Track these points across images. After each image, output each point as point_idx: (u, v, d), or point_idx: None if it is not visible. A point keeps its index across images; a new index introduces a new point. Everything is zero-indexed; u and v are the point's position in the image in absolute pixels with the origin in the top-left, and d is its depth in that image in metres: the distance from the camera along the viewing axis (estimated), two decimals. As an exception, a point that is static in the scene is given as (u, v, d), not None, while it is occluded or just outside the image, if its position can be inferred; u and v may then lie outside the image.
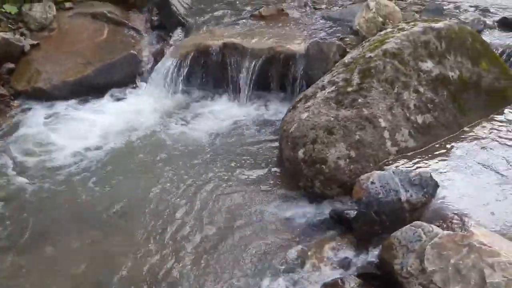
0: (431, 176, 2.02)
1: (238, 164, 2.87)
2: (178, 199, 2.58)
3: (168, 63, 3.79)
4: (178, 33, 4.21)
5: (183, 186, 2.70)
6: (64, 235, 2.36)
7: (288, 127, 2.64)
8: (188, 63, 3.70)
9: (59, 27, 4.25)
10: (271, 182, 2.71)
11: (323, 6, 4.46)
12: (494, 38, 3.33)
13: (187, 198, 2.59)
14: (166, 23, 4.40)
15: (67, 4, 4.39)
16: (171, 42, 4.14)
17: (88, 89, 3.82)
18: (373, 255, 1.99)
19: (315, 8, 4.43)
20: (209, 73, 3.74)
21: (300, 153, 2.48)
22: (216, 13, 4.35)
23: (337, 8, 4.36)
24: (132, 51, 4.08)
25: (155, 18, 4.54)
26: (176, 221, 2.42)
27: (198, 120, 3.47)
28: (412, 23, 2.85)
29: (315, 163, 2.41)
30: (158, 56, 4.06)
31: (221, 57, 3.64)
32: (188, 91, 3.78)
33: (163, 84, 3.80)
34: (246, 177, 2.76)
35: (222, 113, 3.51)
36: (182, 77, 3.74)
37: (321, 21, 4.10)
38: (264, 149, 3.02)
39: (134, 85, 3.98)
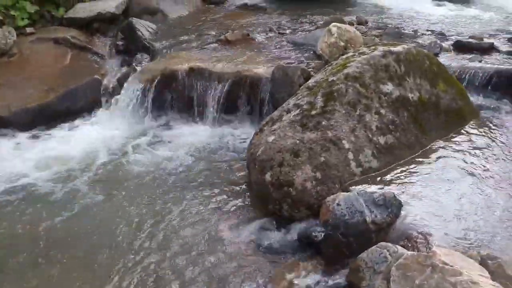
0: (394, 196, 2.06)
1: (206, 189, 2.83)
2: (143, 227, 2.51)
3: (133, 88, 3.75)
4: (143, 58, 4.19)
5: (148, 213, 2.63)
6: (19, 270, 2.23)
7: (255, 150, 2.64)
8: (154, 88, 3.67)
9: (20, 52, 4.16)
10: (240, 206, 2.68)
11: (288, 31, 4.57)
12: (450, 60, 3.48)
13: (153, 225, 2.52)
14: (131, 48, 4.37)
15: (29, 29, 4.31)
16: (136, 67, 4.10)
17: (50, 116, 3.72)
18: (341, 277, 1.98)
19: (280, 33, 4.53)
20: (176, 97, 3.72)
21: (268, 176, 2.47)
22: (182, 38, 4.38)
23: (301, 33, 4.47)
24: (96, 76, 4.02)
25: (120, 43, 4.51)
26: (141, 249, 2.35)
27: (165, 145, 3.42)
28: (373, 47, 2.94)
29: (282, 186, 2.41)
30: (123, 81, 4.00)
31: (188, 81, 3.64)
32: (154, 116, 3.74)
33: (128, 109, 3.75)
34: (215, 202, 2.72)
35: (189, 137, 3.48)
36: (147, 102, 3.70)
37: (286, 45, 4.18)
38: (232, 173, 3.00)
39: (99, 111, 3.90)
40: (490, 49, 3.65)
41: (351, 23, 4.48)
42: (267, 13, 5.49)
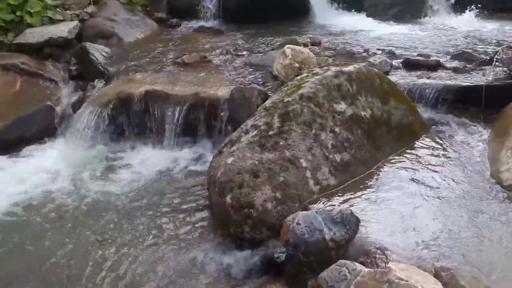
0: (352, 213, 2.09)
1: (165, 215, 2.77)
2: (96, 257, 2.41)
3: (87, 113, 3.65)
4: (98, 83, 4.10)
5: (103, 242, 2.53)
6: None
7: (215, 172, 2.62)
8: (109, 112, 3.59)
9: (-34, 80, 3.97)
10: (201, 230, 2.63)
11: (245, 53, 4.63)
12: (400, 77, 3.63)
13: (108, 254, 2.43)
14: (85, 73, 4.28)
15: (-26, 56, 4.13)
16: (90, 91, 4.01)
17: (-1, 145, 3.55)
18: (304, 298, 1.98)
19: (237, 55, 4.58)
20: (132, 122, 3.64)
21: (228, 198, 2.45)
22: (138, 61, 4.34)
23: (258, 54, 4.54)
24: (48, 103, 3.90)
25: (73, 68, 4.42)
26: (94, 282, 2.24)
27: (121, 172, 3.33)
28: (325, 68, 3.03)
29: (243, 207, 2.39)
30: (77, 106, 3.91)
31: (144, 105, 3.58)
32: (109, 141, 3.64)
33: (82, 135, 3.63)
34: (174, 227, 2.66)
35: (147, 161, 3.41)
36: (102, 128, 3.61)
37: (243, 67, 4.23)
38: (193, 196, 2.95)
39: (51, 139, 3.77)
40: (437, 66, 3.83)
41: (305, 44, 4.61)
42: (224, 35, 5.56)
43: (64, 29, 4.63)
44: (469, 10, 6.31)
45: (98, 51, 4.30)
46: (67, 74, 4.43)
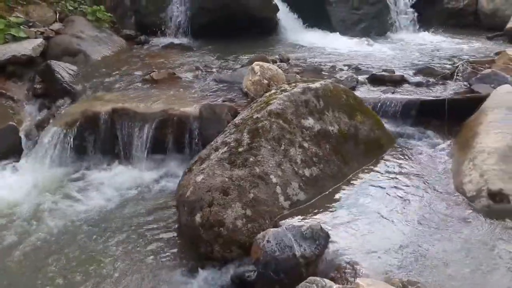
0: (321, 228, 2.10)
1: (133, 237, 2.70)
2: (60, 284, 2.31)
3: (52, 133, 3.56)
4: (64, 101, 4.00)
5: (69, 267, 2.44)
6: None
7: (184, 191, 2.58)
8: (75, 131, 3.52)
9: None
10: (170, 251, 2.58)
11: (214, 69, 4.64)
12: (366, 93, 3.71)
13: (74, 282, 2.33)
14: (50, 91, 4.17)
15: None
16: (55, 111, 3.91)
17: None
18: (276, 317, 1.96)
19: (207, 71, 4.58)
20: (99, 140, 3.57)
21: (198, 217, 2.42)
22: (105, 79, 4.27)
23: (228, 71, 4.55)
24: (10, 123, 3.78)
25: (38, 86, 4.30)
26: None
27: (88, 192, 3.24)
28: (293, 84, 3.07)
29: (213, 226, 2.37)
30: (41, 126, 3.81)
31: (111, 123, 3.52)
32: (75, 161, 3.56)
33: (47, 155, 3.53)
34: (142, 249, 2.59)
35: (115, 181, 3.34)
36: (68, 147, 3.52)
37: (213, 83, 4.23)
38: (162, 216, 2.90)
39: (15, 160, 3.64)
40: (401, 81, 3.95)
41: (274, 61, 4.66)
42: (194, 51, 5.57)
43: (28, 47, 4.51)
44: (431, 27, 6.59)
45: (63, 69, 4.21)
46: (31, 93, 4.30)
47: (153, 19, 6.44)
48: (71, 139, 3.53)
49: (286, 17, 6.46)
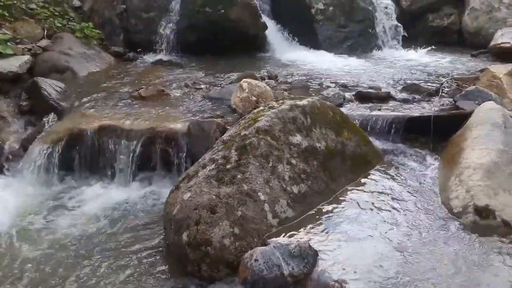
0: (309, 246, 2.09)
1: (119, 256, 2.65)
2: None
3: (38, 150, 3.52)
4: (50, 118, 3.96)
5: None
6: None
7: (171, 209, 2.55)
8: (61, 149, 3.48)
9: None
10: (157, 270, 2.53)
11: (203, 86, 4.65)
12: (353, 109, 3.75)
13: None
14: (36, 108, 4.14)
15: None
16: (42, 128, 3.86)
17: None
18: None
19: (195, 88, 4.59)
20: (85, 158, 3.53)
21: (184, 236, 2.39)
22: (92, 96, 4.24)
23: (217, 87, 4.57)
24: (-5, 140, 3.71)
25: (24, 103, 4.26)
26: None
27: (73, 212, 3.18)
28: (281, 101, 3.08)
29: (200, 245, 2.33)
30: (27, 143, 3.75)
31: (98, 140, 3.49)
32: (61, 179, 3.51)
33: (33, 174, 3.49)
34: (129, 269, 2.53)
35: (101, 199, 3.28)
36: (54, 165, 3.48)
37: (201, 100, 4.23)
38: (149, 235, 2.85)
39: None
40: (387, 98, 3.99)
41: (262, 78, 4.70)
42: (183, 68, 5.58)
43: (14, 64, 4.49)
44: (417, 45, 6.72)
45: (50, 86, 4.18)
46: (18, 110, 4.26)
47: (142, 36, 6.46)
48: (57, 157, 3.49)
49: (274, 34, 6.54)
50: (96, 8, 6.37)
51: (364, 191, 2.83)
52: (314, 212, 2.60)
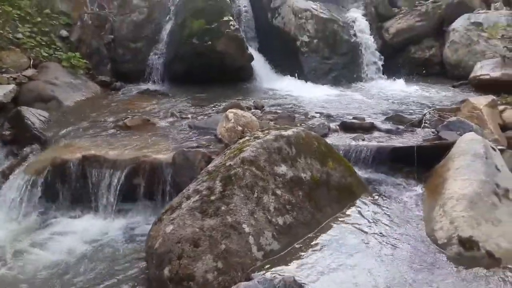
0: (294, 280, 2.05)
1: (100, 291, 2.57)
2: None
3: (19, 181, 3.45)
4: (33, 148, 3.90)
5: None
6: None
7: (153, 242, 2.50)
8: (43, 179, 3.41)
9: None
10: (138, 306, 2.45)
11: (189, 116, 4.66)
12: (337, 140, 3.77)
13: None
14: (19, 138, 4.07)
15: None
16: (24, 158, 3.80)
17: None
18: None
19: (182, 118, 4.60)
20: (68, 189, 3.47)
21: (166, 271, 2.33)
22: (77, 125, 4.22)
23: (203, 117, 4.59)
24: (-26, 171, 3.62)
25: (7, 133, 4.19)
26: None
27: (53, 244, 3.10)
28: (266, 131, 3.10)
29: (182, 280, 2.27)
30: (8, 174, 3.67)
31: (81, 170, 3.44)
32: (43, 211, 3.44)
33: (13, 205, 3.39)
34: (109, 305, 2.46)
35: (83, 232, 3.21)
36: (35, 196, 3.40)
37: (187, 130, 4.23)
38: (130, 270, 2.76)
39: (-23, 209, 3.47)
40: (371, 128, 4.05)
41: (249, 108, 4.74)
42: (169, 97, 5.61)
43: (-1, 93, 4.46)
44: (399, 76, 6.89)
45: (34, 115, 4.15)
46: (0, 139, 4.19)
47: (130, 66, 6.52)
48: (39, 187, 3.42)
49: (260, 65, 6.65)
50: (84, 38, 6.42)
51: (350, 223, 2.82)
52: (299, 244, 2.57)
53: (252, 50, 6.55)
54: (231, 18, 6.26)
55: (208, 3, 6.30)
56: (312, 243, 2.58)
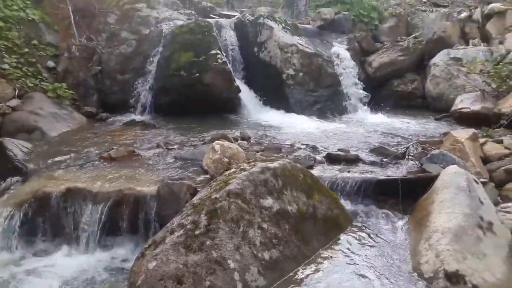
0: (280, 317, 2.00)
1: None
2: None
3: (-2, 214, 3.33)
4: (14, 180, 3.81)
5: None
6: None
7: (136, 279, 2.42)
8: (23, 213, 3.31)
9: None
10: None
11: (176, 147, 4.65)
12: (323, 171, 3.79)
13: None
14: (1, 170, 3.97)
15: None
16: (5, 190, 3.70)
17: None
18: None
19: (168, 149, 4.58)
20: (49, 222, 3.37)
21: (149, 308, 2.25)
22: (61, 157, 4.16)
23: (189, 148, 4.58)
24: (-49, 204, 3.50)
25: (-13, 164, 4.10)
26: None
27: (34, 279, 2.98)
28: (252, 163, 3.10)
29: (165, 318, 2.20)
30: (-14, 207, 3.55)
31: (63, 203, 3.36)
32: (22, 246, 3.32)
33: (-10, 239, 3.27)
34: None
35: (64, 267, 3.09)
36: (15, 230, 3.29)
37: (173, 161, 4.21)
38: (111, 307, 2.68)
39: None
40: (356, 160, 4.08)
41: (235, 139, 4.76)
42: (156, 128, 5.61)
43: (-19, 124, 4.40)
44: (383, 108, 7.04)
45: (17, 147, 4.08)
46: (-20, 171, 4.09)
47: (117, 97, 6.54)
48: (19, 222, 3.31)
49: (247, 97, 6.74)
50: (71, 69, 6.45)
51: (336, 257, 2.80)
52: (286, 279, 2.53)
53: (239, 82, 6.65)
54: (218, 51, 6.38)
55: (197, 37, 6.43)
56: (299, 279, 2.55)
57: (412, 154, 4.19)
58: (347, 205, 3.37)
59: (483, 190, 3.03)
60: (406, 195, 3.38)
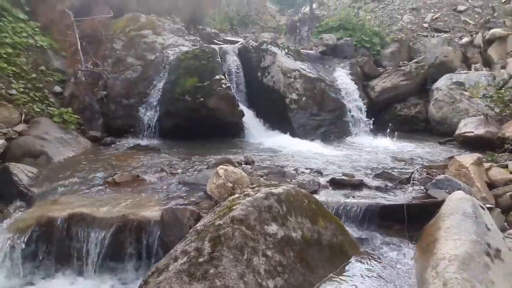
0: None
1: None
2: None
3: (2, 239, 3.31)
4: (19, 205, 3.82)
5: None
6: None
7: (139, 306, 2.39)
8: (27, 238, 3.30)
9: None
10: None
11: (180, 171, 4.65)
12: (327, 196, 3.77)
13: None
14: (5, 194, 4.00)
15: None
16: (9, 215, 3.70)
17: None
18: None
19: (171, 173, 4.58)
20: (53, 248, 3.35)
21: (151, 338, 2.21)
22: (65, 182, 4.17)
23: (193, 172, 4.58)
24: (-44, 229, 3.50)
25: (-7, 189, 4.12)
26: None
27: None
28: (257, 189, 3.09)
29: None
30: (-10, 232, 3.55)
31: (67, 229, 3.35)
32: (26, 272, 3.29)
33: (-7, 265, 3.25)
34: None
35: (65, 294, 3.07)
36: (18, 256, 3.27)
37: (177, 186, 4.21)
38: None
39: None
40: (360, 185, 4.06)
41: (239, 163, 4.76)
42: (160, 153, 5.63)
43: (-13, 149, 4.44)
44: (387, 132, 7.05)
45: (22, 171, 4.10)
46: (-14, 196, 4.10)
47: (122, 122, 6.61)
48: (21, 248, 3.29)
49: (251, 121, 6.79)
50: (77, 94, 6.54)
51: (342, 286, 2.74)
52: (291, 308, 2.48)
53: (243, 107, 6.70)
54: (222, 76, 6.47)
55: (201, 62, 6.54)
56: (304, 308, 2.50)
57: (417, 179, 4.17)
58: (352, 231, 3.34)
59: (489, 216, 3.00)
60: (411, 221, 3.35)
